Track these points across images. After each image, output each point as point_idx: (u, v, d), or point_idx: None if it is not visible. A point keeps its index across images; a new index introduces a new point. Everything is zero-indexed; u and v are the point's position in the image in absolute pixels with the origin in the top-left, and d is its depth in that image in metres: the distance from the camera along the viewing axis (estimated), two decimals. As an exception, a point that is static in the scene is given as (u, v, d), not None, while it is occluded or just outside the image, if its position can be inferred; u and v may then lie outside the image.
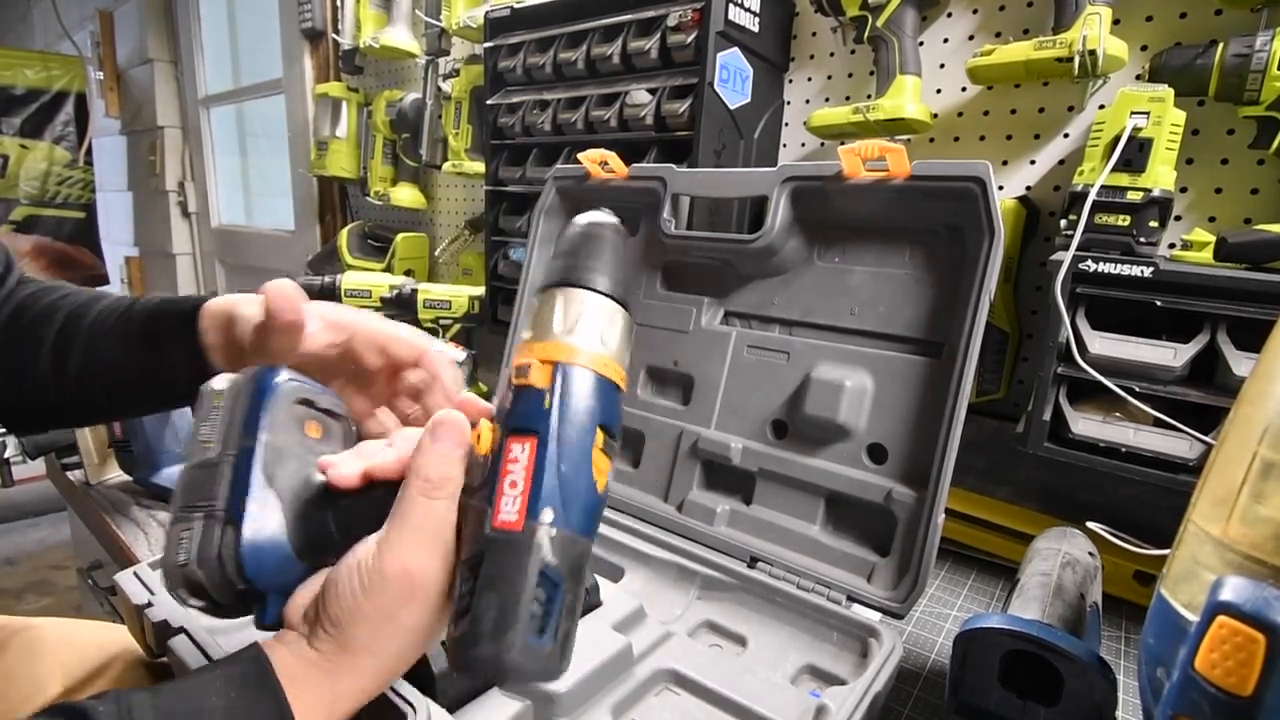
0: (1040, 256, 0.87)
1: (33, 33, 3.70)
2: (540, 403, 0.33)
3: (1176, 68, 0.72)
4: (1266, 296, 0.59)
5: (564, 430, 0.32)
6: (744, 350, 0.74)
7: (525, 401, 0.33)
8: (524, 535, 0.31)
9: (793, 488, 0.69)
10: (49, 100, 3.04)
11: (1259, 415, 0.35)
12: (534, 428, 0.32)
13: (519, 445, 0.32)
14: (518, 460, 0.32)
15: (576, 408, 0.33)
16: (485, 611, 0.30)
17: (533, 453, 0.32)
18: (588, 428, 0.33)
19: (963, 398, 0.57)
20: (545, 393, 0.33)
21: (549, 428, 0.32)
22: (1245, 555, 0.33)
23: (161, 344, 0.48)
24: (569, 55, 1.08)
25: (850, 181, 0.65)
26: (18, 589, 2.45)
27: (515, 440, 0.33)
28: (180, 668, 0.45)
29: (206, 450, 0.36)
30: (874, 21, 0.90)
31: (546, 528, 0.31)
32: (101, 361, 0.49)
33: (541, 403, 0.33)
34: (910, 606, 0.58)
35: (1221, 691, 0.29)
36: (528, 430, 0.33)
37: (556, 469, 0.32)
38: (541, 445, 0.32)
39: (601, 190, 0.84)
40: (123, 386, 0.50)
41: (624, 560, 0.71)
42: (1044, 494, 0.86)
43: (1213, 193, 0.78)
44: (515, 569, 0.31)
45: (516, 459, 0.32)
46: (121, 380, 0.49)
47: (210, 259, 2.92)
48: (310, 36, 1.94)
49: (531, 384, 0.33)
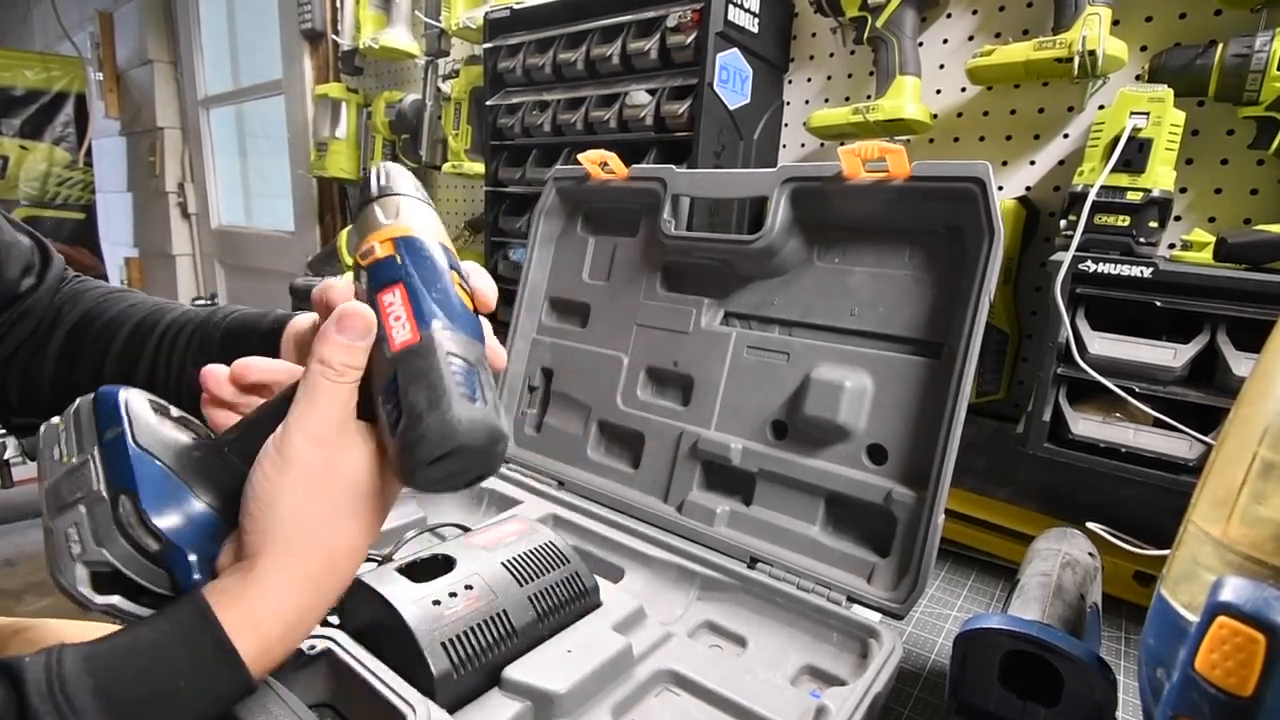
0: (1040, 257, 0.87)
1: (32, 34, 3.70)
2: (393, 262, 0.37)
3: (1176, 68, 0.72)
4: (1266, 297, 0.59)
5: (423, 271, 0.37)
6: (744, 351, 0.74)
7: (381, 268, 0.37)
8: (424, 341, 0.35)
9: (793, 488, 0.69)
10: (49, 101, 3.04)
11: (1259, 416, 0.34)
12: (396, 278, 0.36)
13: (389, 294, 0.36)
14: (393, 302, 0.36)
15: (428, 255, 0.38)
16: (416, 401, 0.33)
17: (403, 292, 0.36)
18: (442, 266, 0.38)
19: (962, 398, 0.57)
20: (394, 256, 0.37)
21: (410, 273, 0.37)
22: (1245, 556, 0.33)
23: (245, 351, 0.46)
24: (568, 56, 1.08)
25: (850, 182, 0.65)
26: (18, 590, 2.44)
27: (384, 292, 0.36)
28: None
29: (66, 464, 0.36)
30: (873, 22, 0.90)
31: (440, 331, 0.35)
32: (172, 375, 0.48)
33: (394, 261, 0.37)
34: (910, 607, 0.58)
35: (1221, 692, 0.29)
36: (391, 281, 0.36)
37: (429, 296, 0.36)
38: (408, 286, 0.36)
39: (601, 191, 0.84)
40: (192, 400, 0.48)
41: (624, 561, 0.71)
42: (1044, 494, 0.86)
43: (1212, 193, 0.78)
44: (428, 363, 0.34)
45: (392, 302, 0.36)
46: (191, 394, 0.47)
47: (210, 260, 2.92)
48: (310, 37, 1.94)
49: (379, 256, 0.37)
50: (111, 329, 0.49)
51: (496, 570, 0.52)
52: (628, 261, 0.84)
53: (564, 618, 0.53)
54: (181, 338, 0.48)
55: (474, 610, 0.48)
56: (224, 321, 0.49)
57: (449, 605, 0.48)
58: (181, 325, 0.49)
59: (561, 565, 0.55)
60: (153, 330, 0.49)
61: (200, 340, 0.48)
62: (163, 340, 0.48)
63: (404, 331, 0.35)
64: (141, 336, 0.49)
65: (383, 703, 0.43)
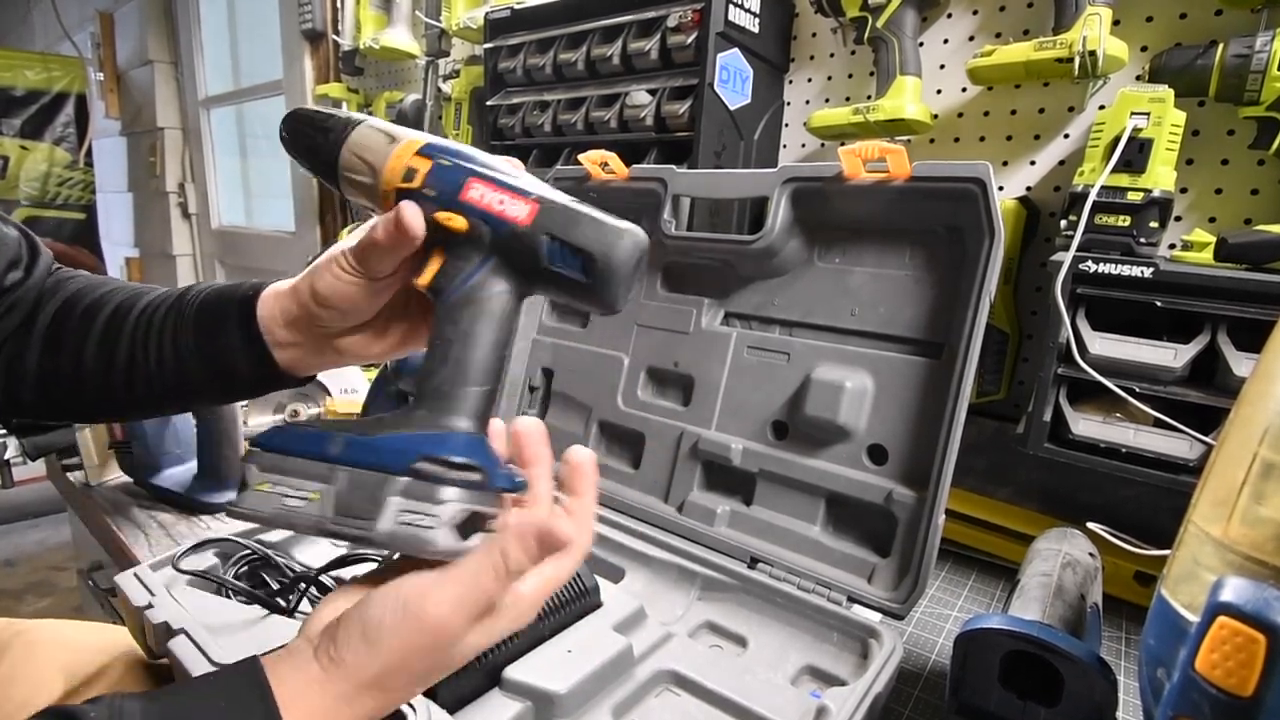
0: (1040, 257, 0.87)
1: (33, 34, 3.70)
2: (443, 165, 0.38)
3: (1177, 68, 0.72)
4: (1267, 297, 0.59)
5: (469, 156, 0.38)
6: (744, 351, 0.74)
7: (439, 174, 0.38)
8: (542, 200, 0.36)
9: (793, 488, 0.69)
10: (49, 101, 3.04)
11: (1259, 416, 0.34)
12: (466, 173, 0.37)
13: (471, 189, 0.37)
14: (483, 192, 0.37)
15: (452, 144, 0.39)
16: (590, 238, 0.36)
17: (481, 180, 0.37)
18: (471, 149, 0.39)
19: (963, 398, 0.57)
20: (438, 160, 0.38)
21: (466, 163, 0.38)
22: (1246, 556, 0.33)
23: (219, 330, 0.46)
24: (569, 56, 1.08)
25: (850, 182, 0.65)
26: (18, 590, 2.45)
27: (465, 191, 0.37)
28: (180, 669, 0.45)
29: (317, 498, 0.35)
30: (874, 22, 0.90)
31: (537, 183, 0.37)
32: (151, 353, 0.47)
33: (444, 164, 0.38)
34: (910, 607, 0.58)
35: (1222, 692, 0.29)
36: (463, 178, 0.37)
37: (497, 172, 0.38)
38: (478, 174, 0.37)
39: (602, 191, 0.84)
40: (177, 377, 0.48)
41: (624, 561, 0.71)
42: (1044, 495, 0.86)
43: (1213, 193, 0.78)
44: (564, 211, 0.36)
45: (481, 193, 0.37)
46: (175, 371, 0.47)
47: (210, 260, 2.92)
48: (310, 37, 1.95)
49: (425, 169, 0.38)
50: (91, 313, 0.49)
51: (497, 570, 0.52)
52: (628, 262, 0.84)
53: (564, 618, 0.53)
54: (157, 317, 0.48)
55: (474, 610, 0.48)
56: (198, 298, 0.48)
57: (449, 605, 0.48)
58: (157, 305, 0.49)
59: (562, 565, 0.55)
60: (130, 312, 0.48)
61: (175, 318, 0.47)
62: (139, 321, 0.48)
63: (518, 205, 0.36)
64: (120, 319, 0.48)
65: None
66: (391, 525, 0.33)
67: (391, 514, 0.33)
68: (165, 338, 0.47)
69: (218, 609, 0.53)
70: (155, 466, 0.91)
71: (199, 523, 0.86)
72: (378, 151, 0.39)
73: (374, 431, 0.35)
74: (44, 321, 0.49)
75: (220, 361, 0.46)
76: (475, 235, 0.37)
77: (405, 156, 0.38)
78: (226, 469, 0.90)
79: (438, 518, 0.33)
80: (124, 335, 0.47)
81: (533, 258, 0.36)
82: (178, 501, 0.89)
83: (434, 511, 0.33)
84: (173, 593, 0.54)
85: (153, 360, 0.47)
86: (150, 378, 0.47)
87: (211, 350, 0.46)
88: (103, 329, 0.48)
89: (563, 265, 0.36)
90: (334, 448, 0.35)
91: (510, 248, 0.36)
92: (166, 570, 0.58)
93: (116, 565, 0.85)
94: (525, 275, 0.37)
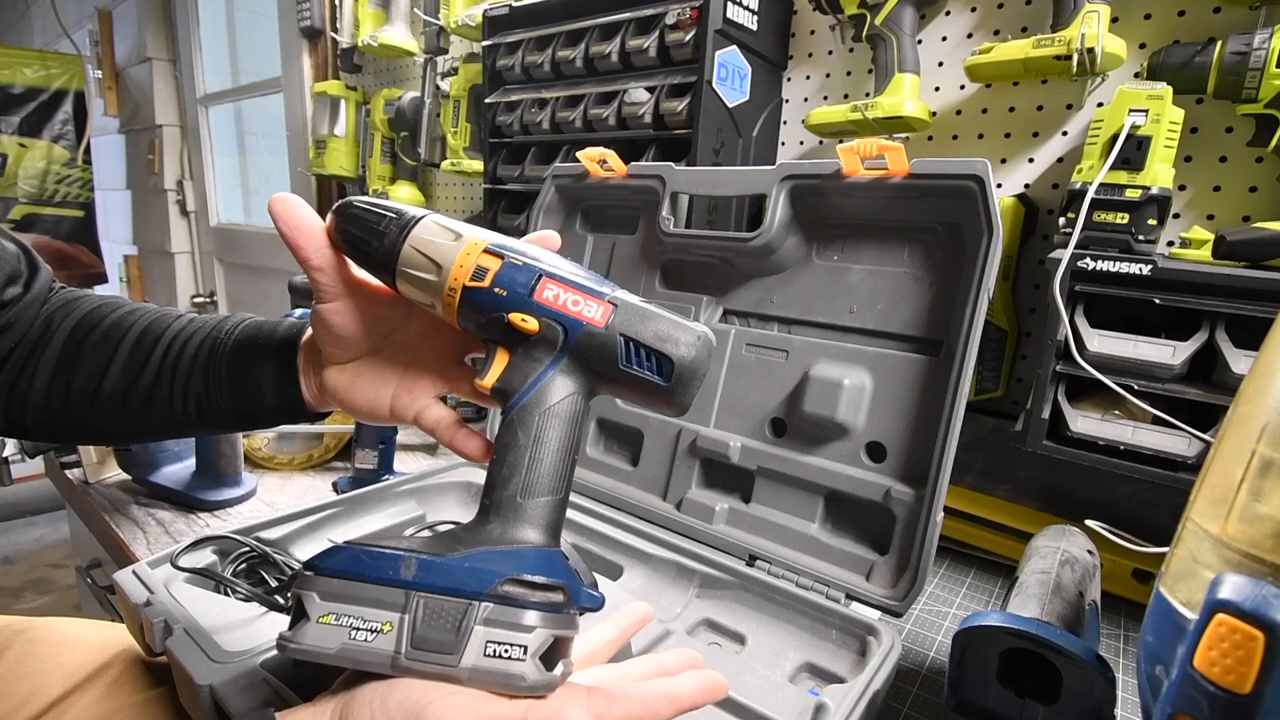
0: (1039, 254, 0.87)
1: (31, 31, 3.70)
2: (513, 265, 0.37)
3: (1175, 65, 0.72)
4: (1265, 294, 0.59)
5: (535, 256, 0.37)
6: (743, 348, 0.74)
7: (511, 274, 0.37)
8: (617, 301, 0.36)
9: (791, 486, 0.69)
10: (47, 99, 3.03)
11: (1258, 413, 0.34)
12: (536, 274, 0.37)
13: (546, 290, 0.36)
14: (557, 293, 0.36)
15: (517, 243, 0.38)
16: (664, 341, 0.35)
17: (554, 281, 0.36)
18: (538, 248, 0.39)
19: (961, 396, 0.57)
20: (506, 261, 0.37)
21: (534, 263, 0.37)
22: (1244, 553, 0.33)
23: (256, 362, 0.46)
24: (567, 53, 1.08)
25: (849, 180, 0.65)
26: (16, 587, 2.45)
27: (539, 292, 0.36)
28: (179, 666, 0.45)
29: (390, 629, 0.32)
30: (872, 19, 0.90)
31: (607, 285, 0.37)
32: (179, 383, 0.47)
33: (514, 264, 0.37)
34: (909, 605, 0.58)
35: (1220, 689, 0.29)
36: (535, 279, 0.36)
37: (566, 273, 0.37)
38: (549, 274, 0.37)
39: (600, 188, 0.83)
40: (198, 408, 0.47)
41: (623, 558, 0.71)
42: (1043, 492, 0.86)
43: (1211, 190, 0.78)
44: (638, 312, 0.36)
45: (556, 294, 0.36)
46: (198, 402, 0.47)
47: (209, 258, 2.92)
48: (309, 35, 1.94)
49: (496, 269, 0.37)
50: (114, 337, 0.48)
51: (495, 568, 0.52)
52: (627, 259, 0.84)
53: (563, 615, 0.53)
54: (191, 344, 0.47)
55: (473, 608, 0.48)
56: (234, 331, 0.48)
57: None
58: (190, 335, 0.48)
59: (560, 563, 0.55)
60: (161, 336, 0.47)
61: (211, 345, 0.47)
62: (171, 346, 0.47)
63: (593, 307, 0.36)
64: (148, 346, 0.47)
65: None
66: (476, 659, 0.30)
67: (477, 646, 0.31)
68: (198, 365, 0.47)
69: (216, 606, 0.53)
70: (153, 464, 0.91)
71: (197, 520, 0.86)
72: (444, 249, 0.37)
73: (447, 550, 0.33)
74: (57, 344, 0.48)
75: (250, 394, 0.46)
76: (548, 336, 0.36)
77: (474, 254, 0.37)
78: (224, 466, 0.90)
79: (525, 648, 0.31)
80: (153, 359, 0.47)
81: (609, 360, 0.36)
82: (176, 499, 0.89)
83: (522, 641, 0.31)
84: (171, 590, 0.54)
85: (179, 386, 0.47)
86: (172, 402, 0.47)
87: (243, 381, 0.46)
88: (130, 351, 0.47)
89: (639, 367, 0.36)
90: (407, 571, 0.32)
91: (585, 349, 0.36)
92: (165, 568, 0.58)
93: (115, 563, 0.85)
94: (598, 376, 0.36)
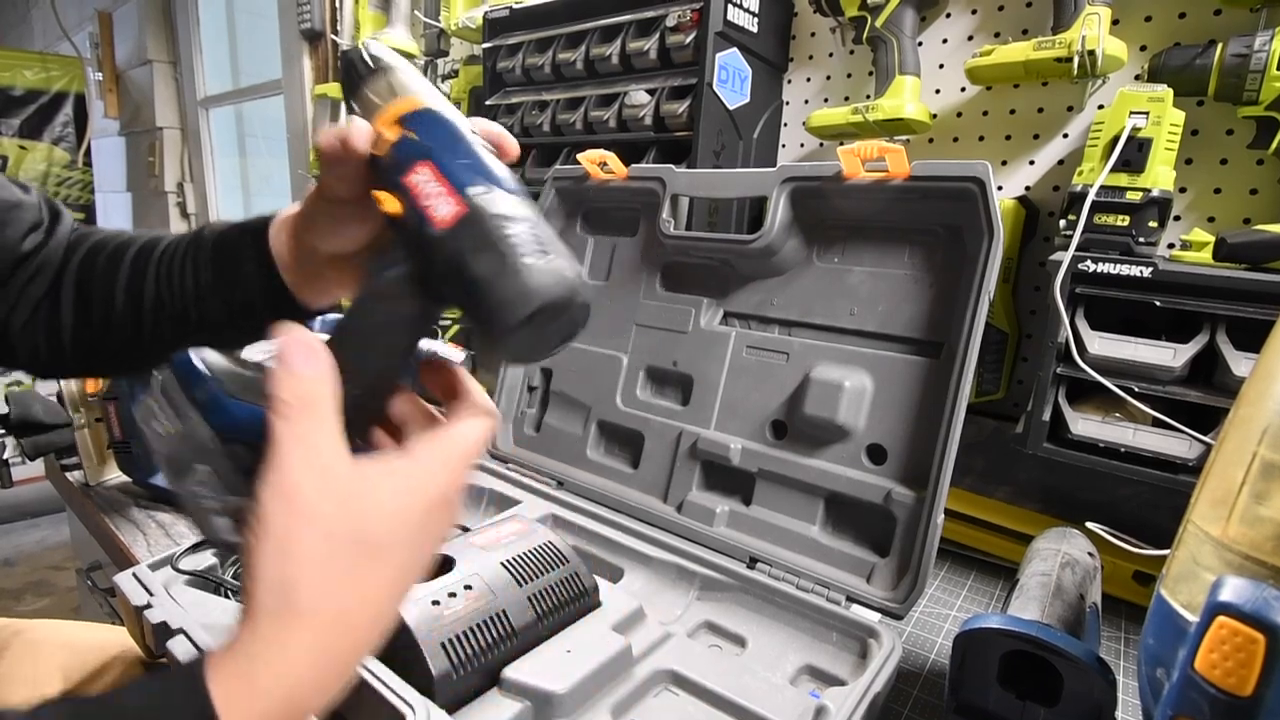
0: (1039, 256, 0.87)
1: (32, 34, 3.70)
2: (409, 140, 0.34)
3: (1176, 68, 0.72)
4: (1266, 296, 0.59)
5: (445, 140, 0.34)
6: (743, 350, 0.74)
7: (400, 150, 0.34)
8: (472, 209, 0.32)
9: (792, 488, 0.69)
10: (48, 101, 3.04)
11: (1258, 415, 0.34)
12: (420, 155, 0.33)
13: (417, 173, 0.33)
14: (424, 179, 0.33)
15: (444, 122, 0.35)
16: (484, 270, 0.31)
17: (432, 168, 0.33)
18: (461, 130, 0.35)
19: (962, 398, 0.57)
20: (407, 134, 0.34)
21: (432, 145, 0.34)
22: (1245, 555, 0.33)
23: (235, 263, 0.47)
24: (568, 56, 1.08)
25: (849, 182, 0.65)
26: (17, 589, 2.44)
27: (410, 174, 0.33)
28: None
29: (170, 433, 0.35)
30: (873, 22, 0.90)
31: (483, 195, 0.32)
32: (174, 290, 0.48)
33: (410, 139, 0.34)
34: (910, 607, 0.58)
35: (1221, 692, 0.29)
36: (415, 159, 0.33)
37: (459, 163, 0.33)
38: (435, 159, 0.33)
39: (601, 191, 0.84)
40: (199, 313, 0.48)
41: (623, 561, 0.71)
42: (1043, 494, 0.86)
43: (1212, 193, 0.78)
44: (483, 229, 0.31)
45: (422, 180, 0.33)
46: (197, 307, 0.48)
47: (209, 260, 2.92)
48: (309, 37, 1.94)
49: (392, 139, 0.34)
50: (116, 258, 0.50)
51: (496, 570, 0.52)
52: (627, 261, 0.84)
53: (563, 618, 0.53)
54: (178, 255, 0.49)
55: (473, 610, 0.48)
56: (213, 234, 0.49)
57: (448, 605, 0.48)
58: (176, 244, 0.49)
59: (561, 565, 0.55)
60: (153, 252, 0.49)
61: (194, 253, 0.48)
62: (161, 259, 0.49)
63: (447, 206, 0.32)
64: (143, 259, 0.49)
65: (382, 703, 0.43)
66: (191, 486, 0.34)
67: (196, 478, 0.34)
68: (186, 274, 0.48)
69: (216, 608, 0.53)
70: (154, 466, 0.91)
71: (198, 523, 0.86)
72: (370, 110, 0.36)
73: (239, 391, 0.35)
74: (72, 272, 0.50)
75: (238, 295, 0.47)
76: (407, 225, 0.33)
77: (388, 120, 0.35)
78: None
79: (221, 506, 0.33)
80: (149, 275, 0.48)
81: (432, 269, 0.33)
82: (176, 501, 0.89)
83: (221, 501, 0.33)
84: (171, 592, 0.54)
85: (177, 297, 0.48)
86: (176, 316, 0.48)
87: (229, 284, 0.47)
88: (129, 271, 0.49)
89: (450, 288, 0.32)
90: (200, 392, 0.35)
91: (421, 249, 0.33)
92: (165, 570, 0.58)
93: (115, 565, 0.84)
94: (429, 285, 0.34)
